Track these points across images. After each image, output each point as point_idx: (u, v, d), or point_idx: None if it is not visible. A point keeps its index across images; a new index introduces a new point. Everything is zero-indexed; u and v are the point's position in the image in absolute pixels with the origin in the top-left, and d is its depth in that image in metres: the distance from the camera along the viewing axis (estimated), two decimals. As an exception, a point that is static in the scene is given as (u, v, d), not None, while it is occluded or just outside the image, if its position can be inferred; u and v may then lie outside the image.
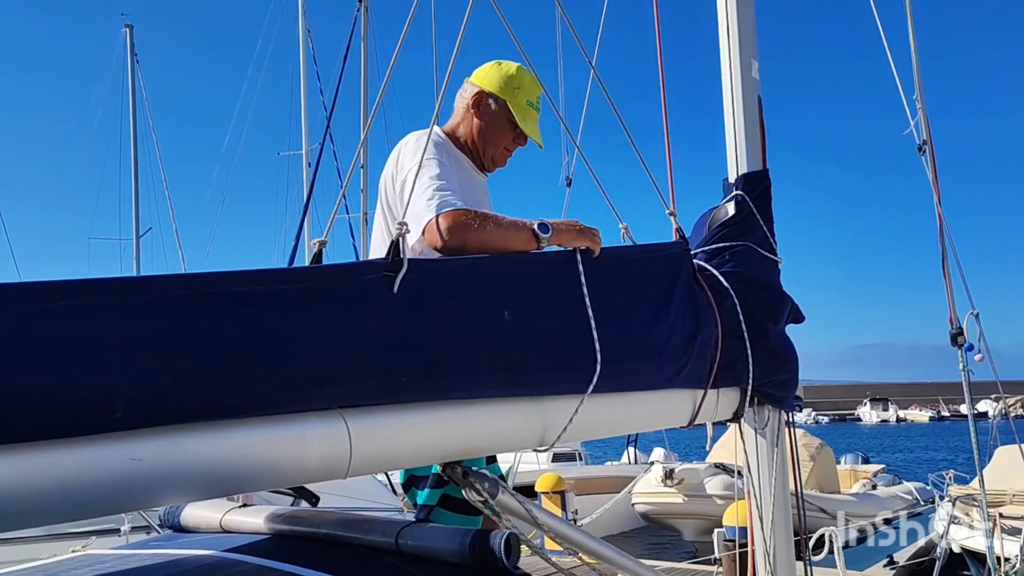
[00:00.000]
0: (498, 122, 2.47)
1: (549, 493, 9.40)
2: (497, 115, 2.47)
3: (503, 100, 2.45)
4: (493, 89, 2.46)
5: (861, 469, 17.22)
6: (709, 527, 11.02)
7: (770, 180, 2.86)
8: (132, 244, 20.42)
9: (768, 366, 2.55)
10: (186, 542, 1.65)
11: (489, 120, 2.48)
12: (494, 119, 2.47)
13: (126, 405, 1.20)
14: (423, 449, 1.68)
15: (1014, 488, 8.14)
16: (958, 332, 4.41)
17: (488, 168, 2.57)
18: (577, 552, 2.00)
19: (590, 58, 2.51)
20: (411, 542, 1.49)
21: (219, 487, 1.42)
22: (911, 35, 4.20)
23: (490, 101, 2.47)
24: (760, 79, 2.95)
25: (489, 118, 2.48)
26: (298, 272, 1.50)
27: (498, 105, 2.46)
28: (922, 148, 4.10)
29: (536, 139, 2.51)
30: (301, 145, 17.49)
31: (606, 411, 2.02)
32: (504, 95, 2.45)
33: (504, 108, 2.46)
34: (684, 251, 2.33)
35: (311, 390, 1.43)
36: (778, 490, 2.82)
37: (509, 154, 2.56)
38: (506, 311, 1.71)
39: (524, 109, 2.46)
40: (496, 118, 2.47)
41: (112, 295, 1.25)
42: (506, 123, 2.47)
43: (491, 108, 2.47)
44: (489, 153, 2.52)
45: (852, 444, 31.96)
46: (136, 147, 20.36)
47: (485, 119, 2.48)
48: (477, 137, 2.50)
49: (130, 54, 20.61)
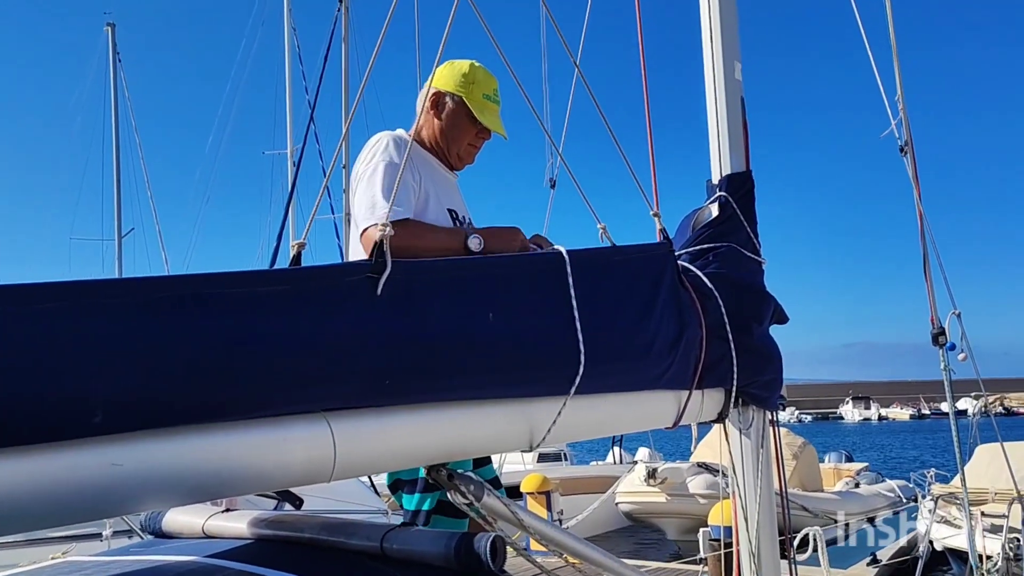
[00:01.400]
0: (458, 119, 2.53)
1: (535, 493, 9.42)
2: (456, 112, 2.52)
3: (459, 96, 2.50)
4: (448, 87, 2.51)
5: (844, 467, 17.34)
6: (692, 526, 11.07)
7: (753, 181, 2.87)
8: (114, 244, 20.33)
9: (752, 367, 2.56)
10: (167, 548, 1.63)
11: (449, 118, 2.53)
12: (453, 117, 2.53)
13: (105, 409, 1.18)
14: (408, 452, 1.67)
15: (995, 486, 8.21)
16: (939, 332, 4.44)
17: (456, 166, 2.62)
18: (562, 553, 1.99)
19: (575, 58, 2.52)
20: (396, 546, 1.48)
21: (201, 492, 1.41)
22: (892, 37, 4.23)
23: (447, 99, 2.52)
24: (743, 80, 2.96)
25: (448, 116, 2.53)
26: (280, 274, 1.49)
27: (455, 102, 2.51)
28: (903, 149, 4.13)
29: (498, 131, 2.56)
30: (286, 144, 17.42)
31: (591, 412, 2.02)
32: (460, 91, 2.50)
33: (461, 104, 2.51)
34: (668, 252, 2.34)
35: (294, 393, 1.41)
36: (763, 490, 2.83)
37: (475, 149, 2.61)
38: (490, 312, 1.71)
39: (481, 103, 2.51)
40: (455, 115, 2.52)
41: (90, 297, 1.23)
42: (466, 119, 2.52)
43: (449, 106, 2.52)
44: (454, 151, 2.57)
45: (835, 442, 32.21)
46: (118, 146, 20.27)
47: (444, 118, 2.53)
48: (440, 137, 2.55)
49: (112, 53, 20.50)
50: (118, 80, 20.40)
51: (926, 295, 4.50)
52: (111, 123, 20.31)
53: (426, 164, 2.48)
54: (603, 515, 12.72)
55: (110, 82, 20.40)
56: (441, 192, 2.46)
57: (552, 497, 9.46)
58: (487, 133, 2.57)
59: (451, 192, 2.54)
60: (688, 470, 13.10)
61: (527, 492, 9.44)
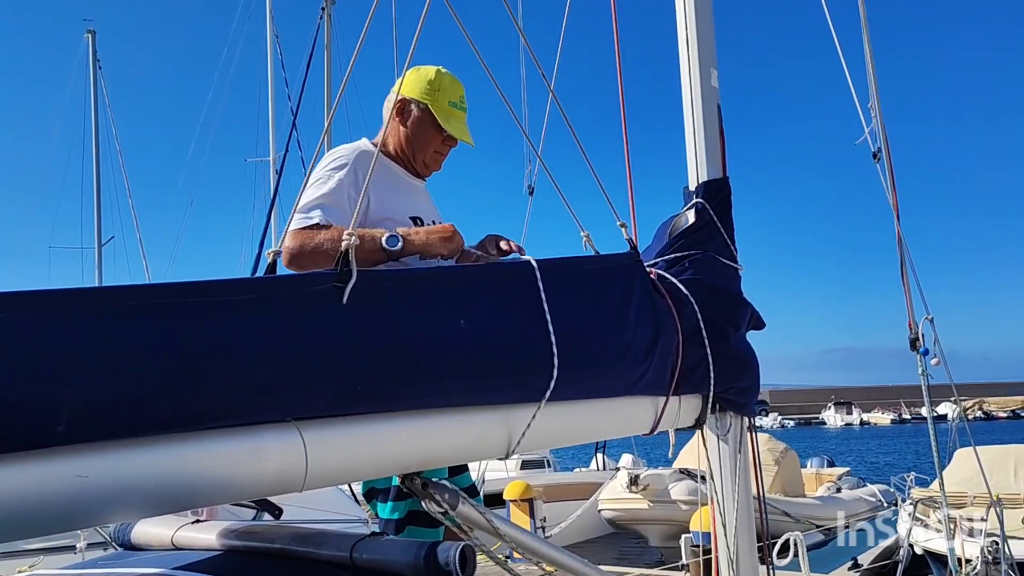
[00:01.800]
0: (423, 126, 2.52)
1: (518, 501, 9.41)
2: (421, 120, 2.52)
3: (424, 104, 2.50)
4: (414, 95, 2.50)
5: (826, 472, 17.43)
6: (674, 532, 11.09)
7: (730, 188, 2.88)
8: (94, 253, 20.12)
9: (729, 373, 2.57)
10: (135, 560, 1.61)
11: (414, 126, 2.53)
12: (419, 124, 2.52)
13: (69, 419, 1.16)
14: (381, 461, 1.66)
15: (974, 490, 8.28)
16: (917, 337, 4.48)
17: (423, 173, 2.62)
18: (540, 563, 1.99)
19: (550, 83, 2.54)
20: (365, 556, 1.47)
21: (170, 503, 1.39)
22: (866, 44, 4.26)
23: (412, 107, 2.52)
24: (719, 87, 2.97)
25: (413, 124, 2.52)
26: (247, 283, 1.48)
27: (420, 110, 2.51)
28: (876, 156, 4.16)
29: (464, 138, 2.56)
30: (268, 152, 17.34)
31: (566, 419, 2.01)
32: (425, 99, 2.49)
33: (427, 112, 2.50)
34: (636, 262, 2.36)
35: (263, 401, 1.40)
36: (741, 496, 2.84)
37: (442, 157, 2.61)
38: (462, 320, 1.70)
39: (447, 110, 2.50)
40: (420, 123, 2.52)
41: (54, 306, 1.22)
42: (431, 127, 2.52)
43: (414, 114, 2.52)
44: (420, 158, 2.57)
45: (818, 447, 32.38)
46: (98, 154, 20.11)
47: (410, 125, 2.53)
48: (406, 144, 2.54)
49: (92, 60, 20.35)
50: (98, 87, 20.26)
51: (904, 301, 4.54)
52: (91, 130, 20.16)
53: (389, 174, 2.47)
54: (586, 522, 12.71)
55: (90, 89, 20.25)
56: (403, 200, 2.45)
57: (535, 504, 9.46)
58: (454, 140, 2.57)
59: (416, 199, 2.53)
60: (670, 476, 13.13)
61: (510, 499, 9.44)
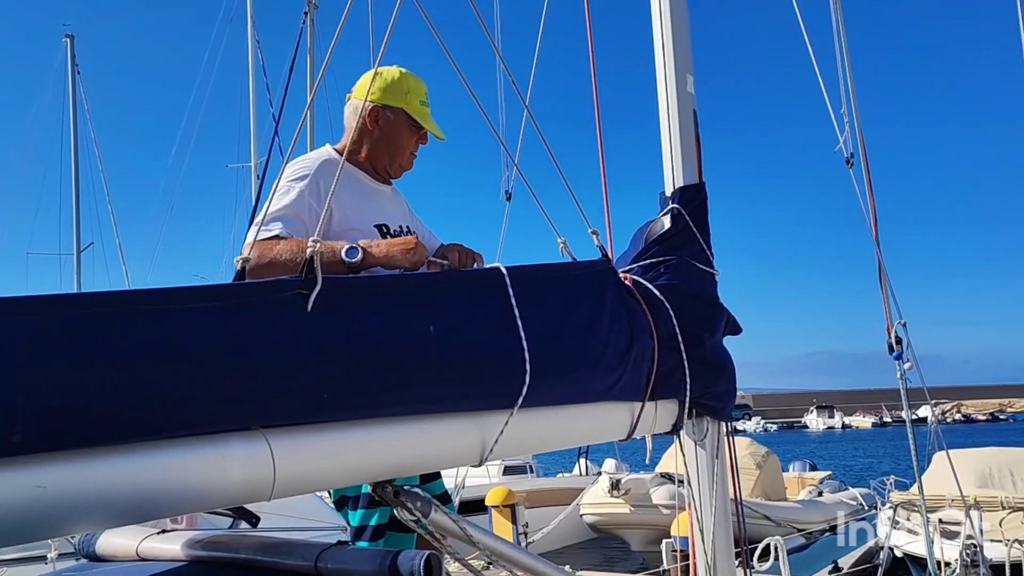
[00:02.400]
0: (399, 130, 2.55)
1: (500, 507, 9.35)
2: (396, 124, 2.54)
3: (399, 108, 2.52)
4: (387, 101, 2.52)
5: (808, 476, 17.52)
6: (656, 537, 11.10)
7: (707, 193, 2.88)
8: (73, 259, 19.94)
9: (705, 378, 2.56)
10: (98, 572, 1.59)
11: (390, 131, 2.54)
12: (394, 129, 2.54)
13: (26, 427, 1.14)
14: (351, 468, 1.64)
15: (952, 492, 8.33)
16: (897, 340, 4.51)
17: (395, 175, 2.64)
18: (516, 571, 1.97)
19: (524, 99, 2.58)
20: (330, 565, 1.46)
21: (134, 513, 1.37)
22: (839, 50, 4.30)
23: (387, 113, 2.53)
24: (695, 93, 2.98)
25: (389, 129, 2.54)
26: (210, 290, 1.46)
27: (395, 114, 2.53)
28: (849, 161, 4.19)
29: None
30: (250, 157, 17.27)
31: (541, 425, 2.00)
32: (399, 103, 2.52)
33: (401, 115, 2.53)
34: (608, 269, 2.36)
35: (228, 409, 1.38)
36: (719, 501, 2.83)
37: (414, 156, 2.64)
38: (431, 326, 1.69)
39: (420, 111, 2.54)
40: (396, 127, 2.54)
41: (9, 313, 1.20)
42: (406, 129, 2.55)
43: (390, 119, 2.53)
44: (397, 162, 2.60)
45: (800, 451, 32.56)
46: (77, 159, 19.96)
47: (387, 131, 2.54)
48: (382, 150, 2.56)
49: (71, 65, 20.21)
50: (77, 92, 20.11)
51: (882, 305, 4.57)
52: (69, 136, 20.00)
53: (353, 182, 2.45)
54: (569, 528, 12.70)
55: (69, 94, 20.10)
56: (367, 209, 2.44)
57: (517, 510, 9.40)
58: (424, 139, 2.60)
59: (384, 205, 2.52)
60: (651, 481, 13.14)
61: (492, 505, 9.38)
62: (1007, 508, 8.40)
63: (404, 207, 2.68)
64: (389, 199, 2.58)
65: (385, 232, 2.45)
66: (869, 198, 4.29)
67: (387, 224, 2.47)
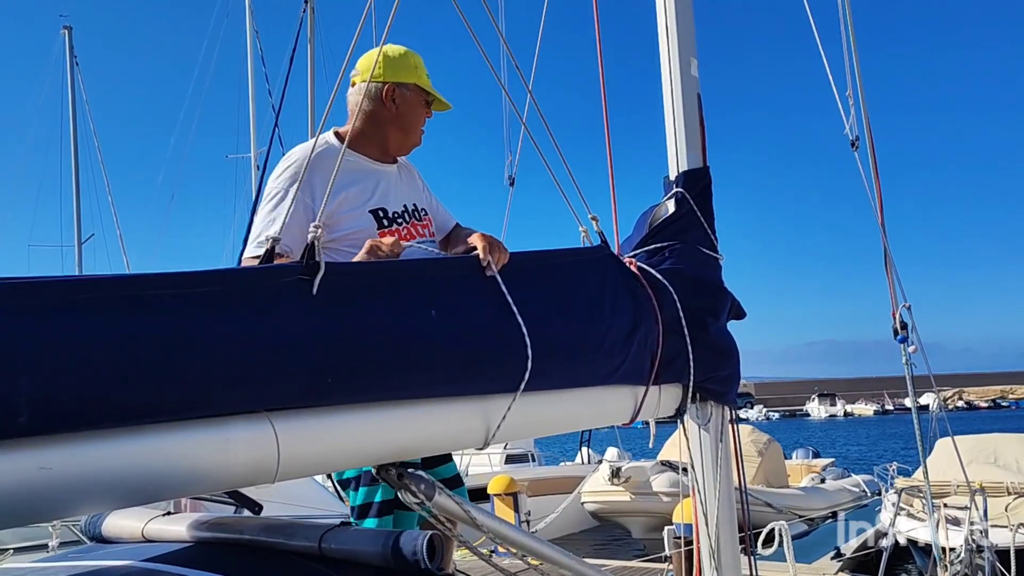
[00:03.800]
0: (414, 106, 2.55)
1: (502, 495, 9.38)
2: (411, 100, 2.54)
3: (412, 84, 2.52)
4: (400, 78, 2.51)
5: (811, 463, 17.52)
6: (656, 524, 11.12)
7: (711, 178, 2.87)
8: (74, 251, 19.95)
9: (709, 362, 2.56)
10: (105, 553, 1.59)
11: (406, 108, 2.53)
12: (410, 105, 2.54)
13: (30, 410, 1.14)
14: (355, 451, 1.64)
15: (958, 479, 8.32)
16: (902, 325, 4.49)
17: (406, 152, 2.63)
18: (524, 555, 1.97)
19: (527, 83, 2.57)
20: (334, 545, 1.47)
21: (139, 495, 1.37)
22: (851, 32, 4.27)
23: (403, 91, 2.52)
24: (699, 77, 2.96)
25: (406, 107, 2.53)
26: (213, 275, 1.47)
27: (409, 91, 2.53)
28: (855, 144, 4.18)
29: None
30: (249, 148, 17.24)
31: (544, 408, 2.00)
32: (411, 79, 2.52)
33: (415, 90, 2.53)
34: (606, 255, 2.37)
35: (232, 392, 1.38)
36: (722, 486, 2.84)
37: (423, 132, 2.63)
38: (432, 310, 1.70)
39: (428, 83, 2.56)
40: (411, 103, 2.54)
41: (15, 296, 1.19)
42: (419, 105, 2.56)
43: (405, 96, 2.53)
44: (411, 139, 2.60)
45: (804, 439, 32.60)
46: (76, 151, 19.92)
47: (403, 109, 2.53)
48: (398, 129, 2.55)
49: (69, 56, 20.15)
50: (75, 83, 20.06)
51: (884, 293, 4.55)
52: (69, 127, 19.97)
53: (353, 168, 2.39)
54: (571, 516, 12.72)
55: (67, 86, 20.05)
56: (365, 194, 2.41)
57: (519, 498, 9.43)
58: (430, 112, 2.60)
59: (385, 188, 2.48)
60: (652, 468, 13.15)
61: (494, 494, 9.41)
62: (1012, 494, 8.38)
63: (415, 183, 2.65)
64: (393, 179, 2.54)
65: (382, 217, 2.42)
66: (875, 180, 4.27)
67: (384, 207, 2.45)
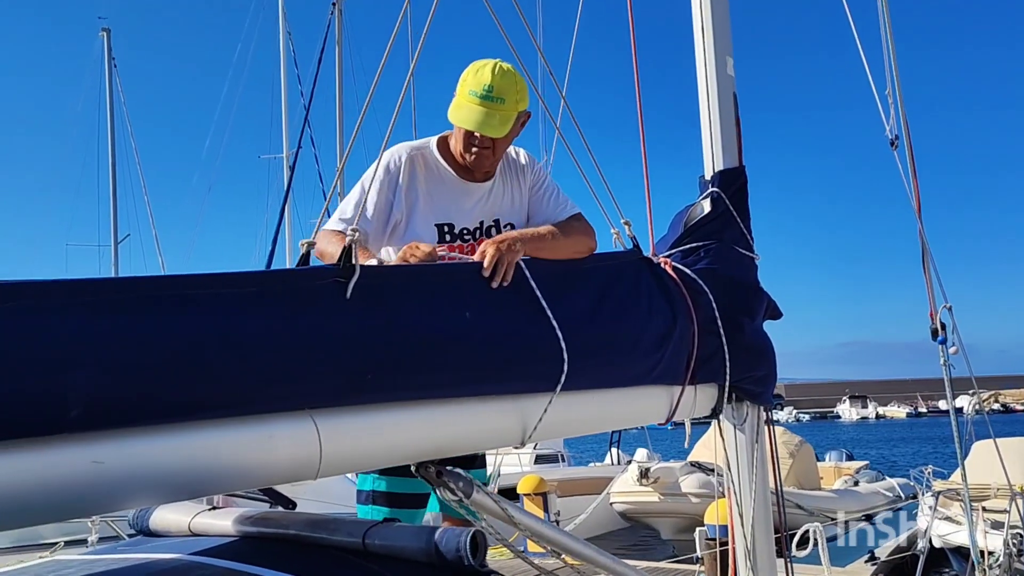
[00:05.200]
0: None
1: (531, 495, 9.37)
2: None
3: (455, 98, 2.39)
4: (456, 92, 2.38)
5: (844, 466, 17.30)
6: (686, 525, 11.05)
7: (746, 177, 2.85)
8: (111, 250, 20.27)
9: (745, 362, 2.55)
10: (154, 546, 1.63)
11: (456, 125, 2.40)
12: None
13: (84, 405, 1.17)
14: (394, 449, 1.67)
15: (997, 482, 8.18)
16: (941, 326, 4.41)
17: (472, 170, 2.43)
18: (558, 553, 1.98)
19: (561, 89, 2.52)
20: (377, 541, 1.49)
21: (186, 490, 1.40)
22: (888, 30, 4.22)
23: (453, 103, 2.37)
24: (735, 76, 2.95)
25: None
26: (250, 276, 1.51)
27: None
28: (894, 143, 4.13)
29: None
30: (282, 148, 17.41)
31: (581, 408, 2.02)
32: (456, 94, 2.36)
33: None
34: (639, 259, 2.36)
35: (274, 390, 1.42)
36: (758, 487, 2.82)
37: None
38: (467, 312, 1.74)
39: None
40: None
41: (67, 296, 1.23)
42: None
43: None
44: (465, 157, 2.39)
45: (835, 441, 32.22)
46: (114, 152, 20.23)
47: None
48: (454, 143, 2.42)
49: (107, 59, 20.46)
50: (113, 85, 20.36)
51: (920, 293, 4.49)
52: (107, 129, 20.28)
53: (436, 179, 2.39)
54: (601, 516, 12.67)
55: (105, 88, 20.37)
56: (437, 206, 2.39)
57: (549, 498, 9.42)
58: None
59: (461, 204, 2.42)
60: (681, 469, 13.07)
61: (523, 493, 9.41)
62: (1055, 497, 8.23)
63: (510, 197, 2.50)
64: (476, 196, 2.45)
65: (446, 232, 2.39)
66: (912, 178, 4.21)
67: (452, 223, 2.40)
